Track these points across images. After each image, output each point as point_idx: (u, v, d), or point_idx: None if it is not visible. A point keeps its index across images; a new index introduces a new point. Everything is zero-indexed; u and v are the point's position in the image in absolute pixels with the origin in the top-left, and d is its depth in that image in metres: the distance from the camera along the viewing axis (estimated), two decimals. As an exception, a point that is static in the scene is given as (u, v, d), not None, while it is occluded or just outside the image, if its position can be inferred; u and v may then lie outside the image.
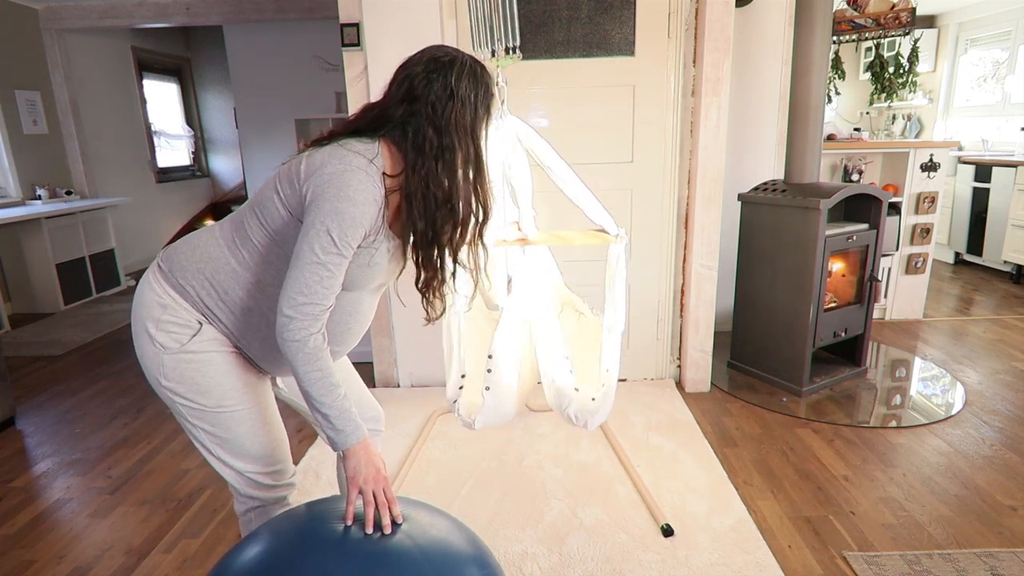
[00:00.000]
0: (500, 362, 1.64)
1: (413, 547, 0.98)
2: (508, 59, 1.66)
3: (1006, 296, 4.11)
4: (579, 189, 1.68)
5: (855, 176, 3.59)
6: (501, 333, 1.63)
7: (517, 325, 1.67)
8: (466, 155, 1.12)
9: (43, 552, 1.83)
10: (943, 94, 5.78)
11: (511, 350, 1.66)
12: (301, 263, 1.03)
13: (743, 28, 3.18)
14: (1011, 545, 1.72)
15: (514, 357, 1.68)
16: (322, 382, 1.05)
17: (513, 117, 1.66)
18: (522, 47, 1.67)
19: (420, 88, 1.09)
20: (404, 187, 1.10)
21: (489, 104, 1.16)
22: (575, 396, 1.68)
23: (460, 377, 1.76)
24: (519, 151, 1.70)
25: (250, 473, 1.23)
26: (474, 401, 1.72)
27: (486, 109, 1.15)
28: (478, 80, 1.13)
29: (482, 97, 1.14)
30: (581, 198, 1.69)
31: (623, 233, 1.70)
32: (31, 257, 4.28)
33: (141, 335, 1.15)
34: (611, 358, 1.69)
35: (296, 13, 4.43)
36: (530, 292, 1.71)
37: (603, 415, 1.67)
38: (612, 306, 1.68)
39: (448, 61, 1.11)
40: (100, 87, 5.43)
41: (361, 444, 1.07)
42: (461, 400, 1.74)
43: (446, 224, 1.13)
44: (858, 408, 2.58)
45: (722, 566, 1.67)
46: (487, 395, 1.66)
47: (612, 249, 1.69)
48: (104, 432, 2.57)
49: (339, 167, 1.04)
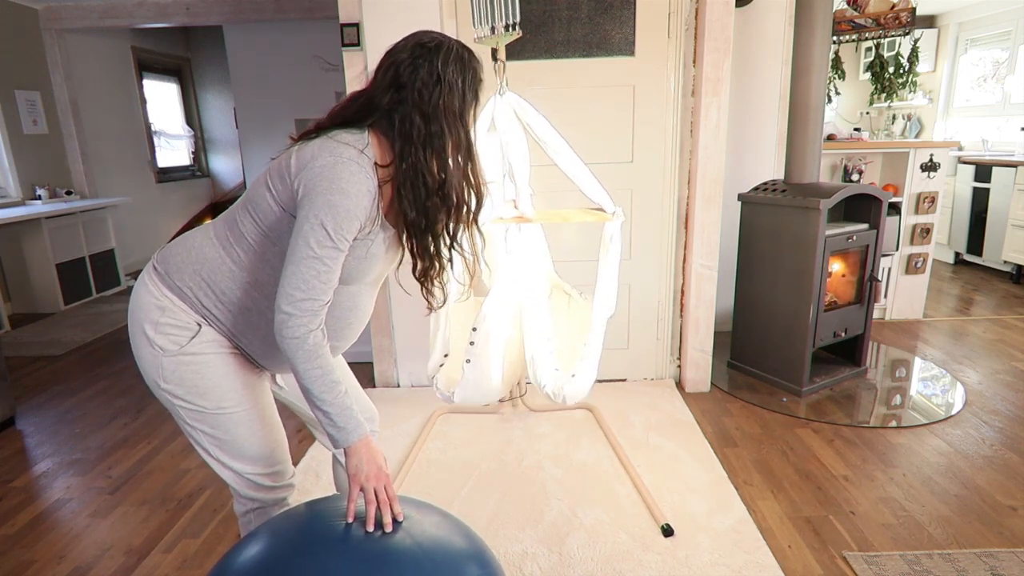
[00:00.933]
0: (484, 336, 1.63)
1: (414, 545, 0.98)
2: (508, 35, 1.65)
3: (1006, 296, 4.11)
4: (576, 166, 1.68)
5: (855, 176, 3.59)
6: (488, 307, 1.62)
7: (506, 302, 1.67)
8: (456, 141, 1.10)
9: (43, 552, 1.82)
10: (943, 94, 5.77)
11: (497, 326, 1.65)
12: (297, 258, 1.02)
13: (743, 28, 3.18)
14: (1011, 545, 1.72)
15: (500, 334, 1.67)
16: (322, 379, 1.04)
17: (511, 93, 1.66)
18: (522, 47, 1.67)
19: (406, 75, 1.07)
20: (394, 176, 1.08)
21: (478, 89, 1.14)
22: (553, 375, 1.69)
23: (443, 356, 1.76)
24: (516, 126, 1.69)
25: (249, 474, 1.22)
26: (453, 376, 1.72)
27: (475, 94, 1.13)
28: (465, 65, 1.11)
29: (470, 82, 1.11)
30: (577, 174, 1.68)
31: (620, 211, 1.69)
32: (31, 257, 4.28)
33: (139, 338, 1.14)
34: (596, 337, 1.68)
35: (296, 13, 4.43)
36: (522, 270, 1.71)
37: (582, 390, 1.67)
38: (602, 285, 1.68)
39: (434, 46, 1.08)
40: (100, 87, 5.43)
41: (363, 441, 1.07)
42: (439, 374, 1.74)
43: (439, 212, 1.11)
44: (858, 408, 2.58)
45: (722, 566, 1.67)
46: (467, 368, 1.65)
47: (607, 227, 1.68)
48: (104, 432, 2.57)
49: (329, 159, 1.03)
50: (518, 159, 1.70)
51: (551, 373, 1.70)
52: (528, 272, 1.73)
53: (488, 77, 1.71)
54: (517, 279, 1.69)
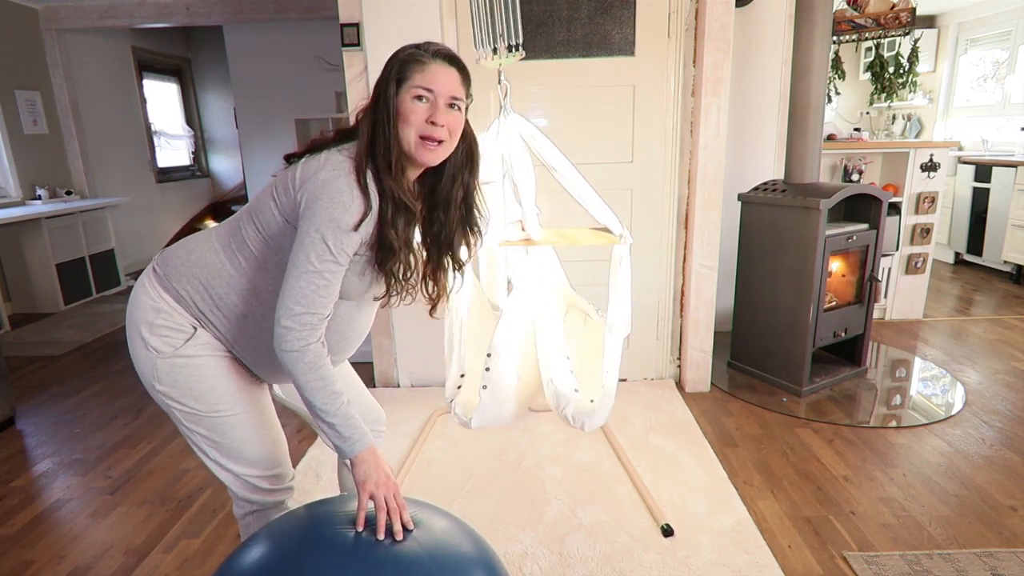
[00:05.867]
0: (499, 361, 1.63)
1: (420, 549, 0.98)
2: (509, 57, 1.65)
3: (1006, 296, 4.11)
4: (584, 189, 1.67)
5: (855, 176, 3.59)
6: (500, 333, 1.62)
7: (518, 325, 1.66)
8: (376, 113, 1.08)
9: (43, 552, 1.82)
10: (943, 94, 5.77)
11: (511, 350, 1.65)
12: (297, 272, 1.02)
13: (743, 28, 3.18)
14: (1011, 545, 1.72)
15: (514, 358, 1.66)
16: (324, 391, 1.04)
17: (517, 115, 1.65)
18: (522, 47, 1.65)
19: (376, 87, 1.11)
20: None
21: (404, 65, 1.09)
22: (574, 397, 1.67)
23: (459, 377, 1.75)
24: (523, 150, 1.69)
25: (248, 477, 1.22)
26: (471, 400, 1.71)
27: (399, 68, 1.09)
28: (395, 54, 1.11)
29: (395, 60, 1.10)
30: (586, 198, 1.67)
31: (628, 234, 1.68)
32: (31, 257, 4.28)
33: (135, 339, 1.14)
34: (612, 361, 1.67)
35: (296, 13, 4.43)
36: (532, 292, 1.70)
37: (601, 418, 1.66)
38: (615, 307, 1.67)
39: (394, 55, 1.11)
40: (100, 87, 5.43)
41: (368, 450, 1.07)
42: (458, 398, 1.73)
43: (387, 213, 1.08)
44: (858, 408, 2.58)
45: (722, 566, 1.67)
46: (484, 394, 1.65)
47: (616, 250, 1.68)
48: (104, 432, 2.57)
49: (332, 173, 1.03)
50: (524, 181, 1.70)
51: (571, 395, 1.68)
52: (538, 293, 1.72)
53: (487, 79, 1.71)
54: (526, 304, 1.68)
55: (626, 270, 1.67)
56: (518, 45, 1.63)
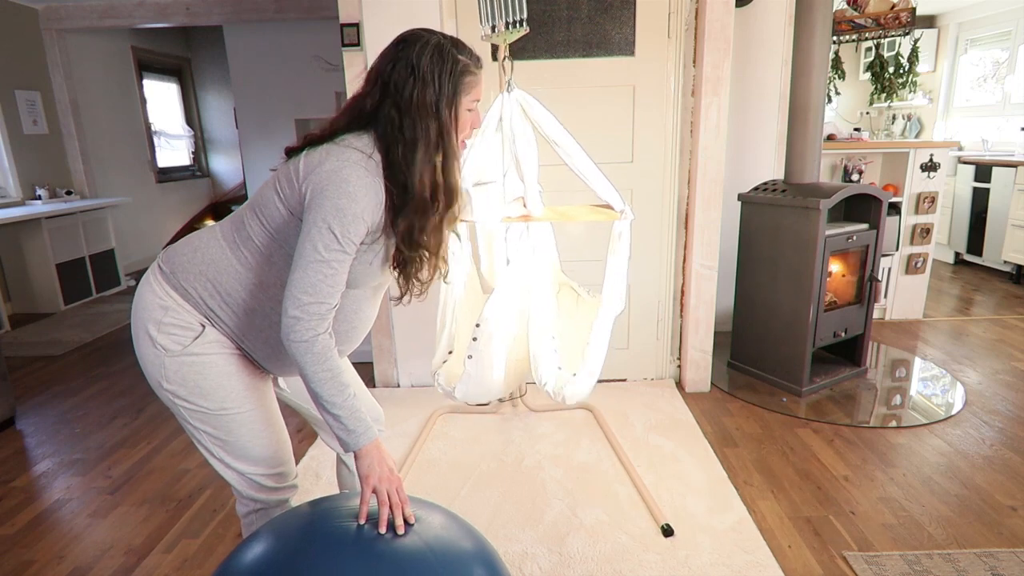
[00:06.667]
0: (487, 332, 1.62)
1: (423, 546, 0.98)
2: (513, 32, 1.64)
3: (1006, 296, 4.11)
4: (586, 163, 1.67)
5: (855, 176, 3.59)
6: (492, 304, 1.62)
7: (510, 299, 1.66)
8: (428, 138, 1.06)
9: (43, 552, 1.82)
10: (943, 94, 5.77)
11: (500, 322, 1.64)
12: (304, 262, 1.02)
13: (743, 28, 3.18)
14: (1011, 545, 1.72)
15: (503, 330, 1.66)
16: (332, 382, 1.04)
17: (519, 90, 1.65)
18: (522, 47, 1.65)
19: (387, 72, 1.08)
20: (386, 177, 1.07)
21: (458, 82, 1.09)
22: (556, 373, 1.68)
23: (447, 353, 1.76)
24: (525, 124, 1.68)
25: (252, 475, 1.22)
26: (455, 371, 1.72)
27: (454, 87, 1.09)
28: (444, 56, 1.08)
29: (447, 74, 1.07)
30: (587, 172, 1.67)
31: (628, 209, 1.68)
32: (31, 257, 4.28)
33: (142, 337, 1.14)
34: (599, 336, 1.67)
35: (296, 13, 4.43)
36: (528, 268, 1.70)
37: (582, 390, 1.66)
38: (610, 281, 1.67)
39: (412, 40, 1.09)
40: (100, 87, 5.43)
41: (373, 444, 1.07)
42: (442, 369, 1.73)
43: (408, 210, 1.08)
44: (858, 408, 2.58)
45: (722, 566, 1.67)
46: (469, 363, 1.65)
47: (616, 225, 1.67)
48: (104, 432, 2.57)
49: (337, 164, 1.03)
50: (526, 156, 1.69)
51: (553, 371, 1.69)
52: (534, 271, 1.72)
53: (491, 75, 1.71)
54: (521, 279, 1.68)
55: (625, 245, 1.67)
56: (522, 20, 1.62)
